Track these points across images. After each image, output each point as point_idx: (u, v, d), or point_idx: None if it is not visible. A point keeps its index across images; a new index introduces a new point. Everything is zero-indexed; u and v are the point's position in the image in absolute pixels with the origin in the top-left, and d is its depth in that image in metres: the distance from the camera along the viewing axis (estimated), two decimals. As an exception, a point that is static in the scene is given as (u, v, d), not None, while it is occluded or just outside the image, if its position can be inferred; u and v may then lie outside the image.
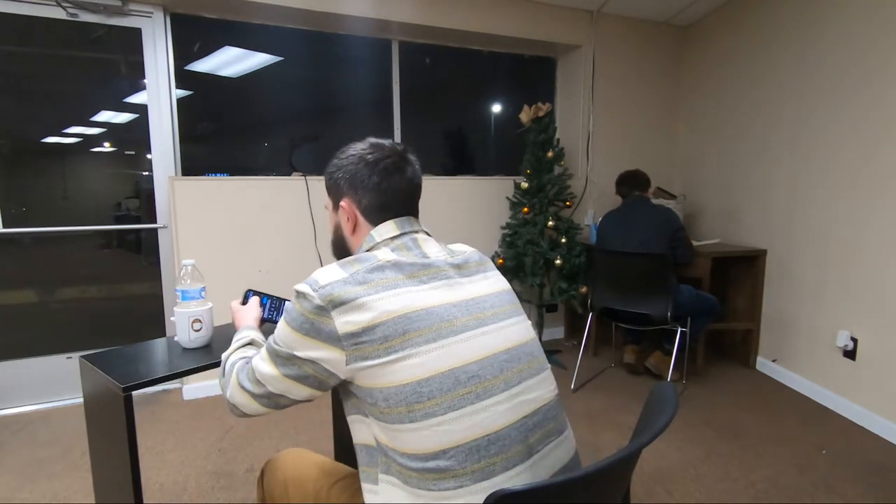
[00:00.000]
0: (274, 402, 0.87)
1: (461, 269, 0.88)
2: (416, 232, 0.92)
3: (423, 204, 0.99)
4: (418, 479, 0.73)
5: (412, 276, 0.81)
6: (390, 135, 3.21)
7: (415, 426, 0.73)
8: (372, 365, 0.75)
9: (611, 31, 3.39)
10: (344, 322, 0.75)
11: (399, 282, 0.79)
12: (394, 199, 0.92)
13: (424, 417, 0.73)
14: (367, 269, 0.80)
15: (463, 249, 0.95)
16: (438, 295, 0.81)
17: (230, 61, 2.87)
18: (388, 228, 0.90)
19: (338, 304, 0.76)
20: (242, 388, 0.89)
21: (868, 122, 2.33)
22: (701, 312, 2.67)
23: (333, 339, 0.76)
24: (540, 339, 3.28)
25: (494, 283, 0.92)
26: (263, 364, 0.85)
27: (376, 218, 0.92)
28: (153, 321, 2.79)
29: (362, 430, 0.81)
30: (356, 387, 0.79)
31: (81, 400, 1.22)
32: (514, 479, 0.75)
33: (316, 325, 0.77)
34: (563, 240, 3.05)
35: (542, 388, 0.85)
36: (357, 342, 0.75)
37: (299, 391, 0.84)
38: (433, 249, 0.90)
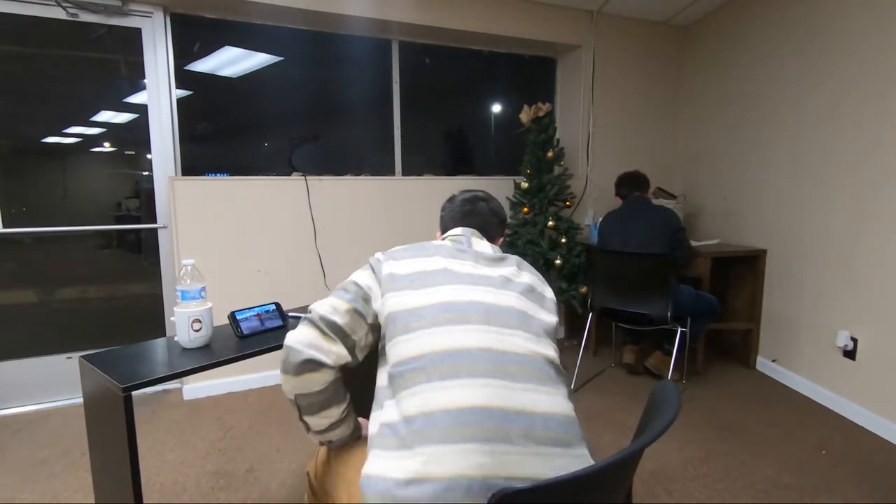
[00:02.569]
0: (325, 323, 0.99)
1: (491, 260, 1.10)
2: (475, 235, 1.20)
3: (423, 203, 1.03)
4: (400, 382, 0.92)
5: (445, 254, 1.08)
6: (390, 135, 3.21)
7: (408, 336, 0.95)
8: (396, 292, 1.01)
9: (611, 31, 3.39)
10: (388, 266, 1.06)
11: (433, 251, 1.09)
12: (462, 217, 1.28)
13: (417, 329, 0.95)
14: (418, 245, 1.12)
15: (512, 262, 1.13)
16: (454, 264, 1.06)
17: (230, 61, 2.86)
18: (456, 231, 1.23)
19: (389, 258, 1.08)
20: (305, 321, 1.02)
21: (868, 121, 2.33)
22: (701, 312, 2.67)
23: (380, 276, 1.05)
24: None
25: (512, 279, 1.08)
26: (323, 303, 1.03)
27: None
28: (153, 321, 2.79)
29: (380, 377, 0.99)
30: (383, 315, 1.01)
31: (81, 400, 1.22)
32: (475, 388, 0.88)
33: (374, 265, 1.08)
34: (563, 240, 3.05)
35: (519, 340, 0.97)
36: (392, 277, 1.03)
37: (341, 303, 1.01)
38: (481, 246, 1.15)
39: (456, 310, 0.97)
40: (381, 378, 0.98)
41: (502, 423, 0.85)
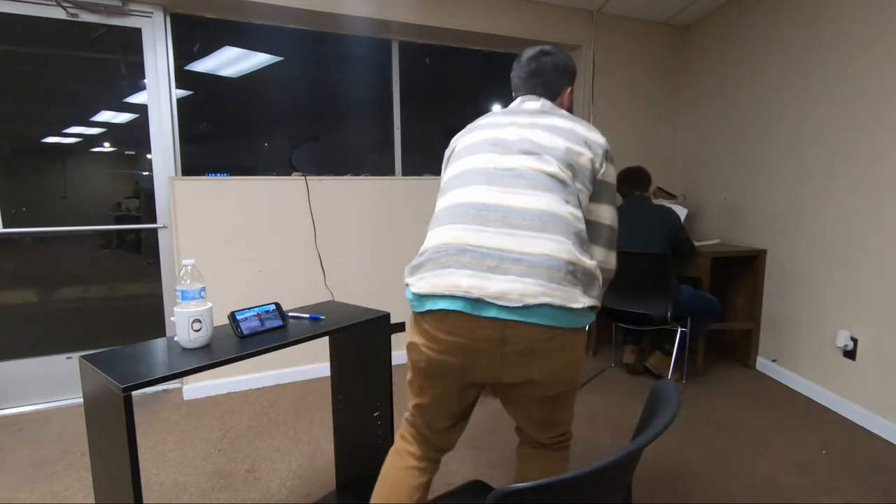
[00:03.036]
0: None
1: (532, 113, 1.24)
2: (529, 100, 1.30)
3: (423, 204, 1.02)
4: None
5: (488, 121, 1.27)
6: (390, 134, 3.21)
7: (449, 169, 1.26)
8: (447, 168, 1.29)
9: (611, 31, 3.39)
10: (450, 151, 1.34)
11: (483, 122, 1.28)
12: (528, 77, 1.36)
13: (457, 158, 1.25)
14: (474, 123, 1.31)
15: (557, 114, 1.24)
16: (494, 121, 1.25)
17: (230, 61, 2.87)
18: (515, 101, 1.35)
19: (452, 144, 1.34)
20: None
21: (869, 121, 2.33)
22: (701, 312, 2.67)
23: (444, 163, 1.35)
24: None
25: (542, 122, 1.22)
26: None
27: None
28: (153, 321, 2.79)
29: None
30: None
31: (81, 400, 1.22)
32: (466, 190, 1.14)
33: (445, 156, 1.36)
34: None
35: (518, 158, 1.16)
36: (450, 157, 1.31)
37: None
38: (531, 106, 1.28)
39: (476, 146, 1.21)
40: None
41: (480, 212, 1.09)
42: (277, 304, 1.44)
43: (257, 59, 2.90)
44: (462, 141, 1.27)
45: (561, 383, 1.14)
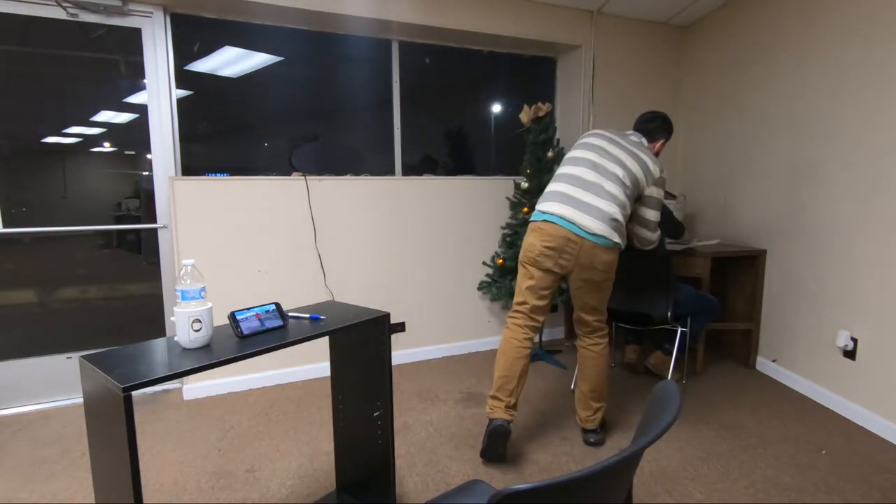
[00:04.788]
0: None
1: (625, 137, 2.12)
2: (637, 136, 2.19)
3: (424, 204, 1.00)
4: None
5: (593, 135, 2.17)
6: (390, 134, 3.21)
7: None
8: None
9: (611, 31, 3.39)
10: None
11: (591, 136, 2.17)
12: (639, 122, 2.31)
13: (579, 149, 2.15)
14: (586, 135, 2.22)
15: (639, 147, 2.11)
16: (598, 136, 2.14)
17: (230, 61, 2.86)
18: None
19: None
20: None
21: (868, 122, 2.33)
22: (701, 312, 2.67)
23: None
24: (540, 340, 3.28)
25: (627, 146, 2.09)
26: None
27: None
28: (153, 321, 2.79)
29: None
30: None
31: (81, 400, 1.22)
32: (576, 167, 2.06)
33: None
34: (563, 240, 3.05)
35: (605, 184, 2.00)
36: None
37: None
38: (634, 138, 2.15)
39: (591, 146, 2.09)
40: None
41: (581, 181, 2.00)
42: (277, 304, 1.44)
43: (257, 59, 2.90)
44: (586, 139, 2.12)
45: (599, 272, 1.98)
